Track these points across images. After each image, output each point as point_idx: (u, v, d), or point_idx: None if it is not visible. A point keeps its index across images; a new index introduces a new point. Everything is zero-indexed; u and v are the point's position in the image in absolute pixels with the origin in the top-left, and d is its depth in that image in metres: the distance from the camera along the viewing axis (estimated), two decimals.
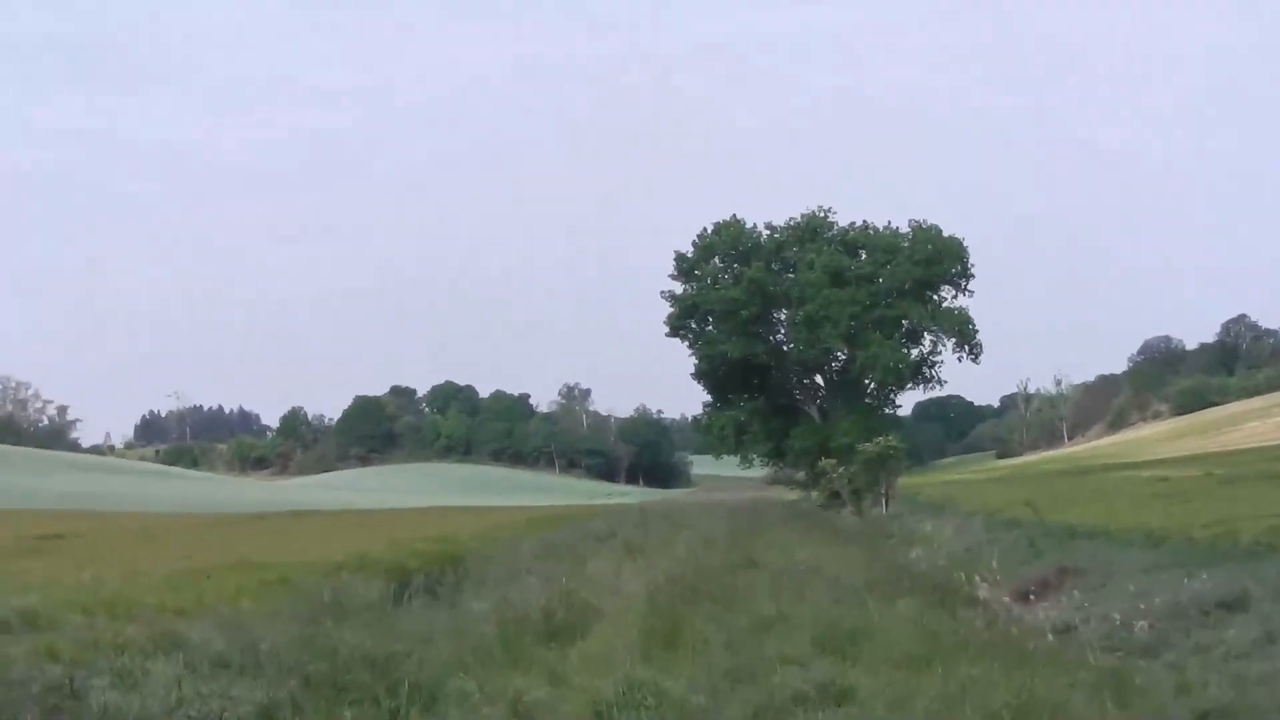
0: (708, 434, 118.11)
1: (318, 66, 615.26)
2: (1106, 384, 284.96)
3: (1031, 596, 31.31)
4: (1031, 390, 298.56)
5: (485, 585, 31.50)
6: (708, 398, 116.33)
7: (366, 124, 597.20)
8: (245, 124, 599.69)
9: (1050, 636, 24.53)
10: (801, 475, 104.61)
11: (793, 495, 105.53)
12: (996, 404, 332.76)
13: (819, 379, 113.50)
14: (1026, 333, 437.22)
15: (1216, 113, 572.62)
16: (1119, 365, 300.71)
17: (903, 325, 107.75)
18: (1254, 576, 26.20)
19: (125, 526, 53.05)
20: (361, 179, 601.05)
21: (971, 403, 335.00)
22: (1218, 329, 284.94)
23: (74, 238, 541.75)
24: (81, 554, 36.31)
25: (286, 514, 74.91)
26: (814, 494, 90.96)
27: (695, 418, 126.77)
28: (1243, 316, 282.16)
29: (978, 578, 33.59)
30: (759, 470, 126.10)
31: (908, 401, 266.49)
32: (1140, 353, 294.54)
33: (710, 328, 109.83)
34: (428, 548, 40.28)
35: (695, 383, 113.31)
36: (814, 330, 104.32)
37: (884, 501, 79.40)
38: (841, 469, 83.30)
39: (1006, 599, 31.26)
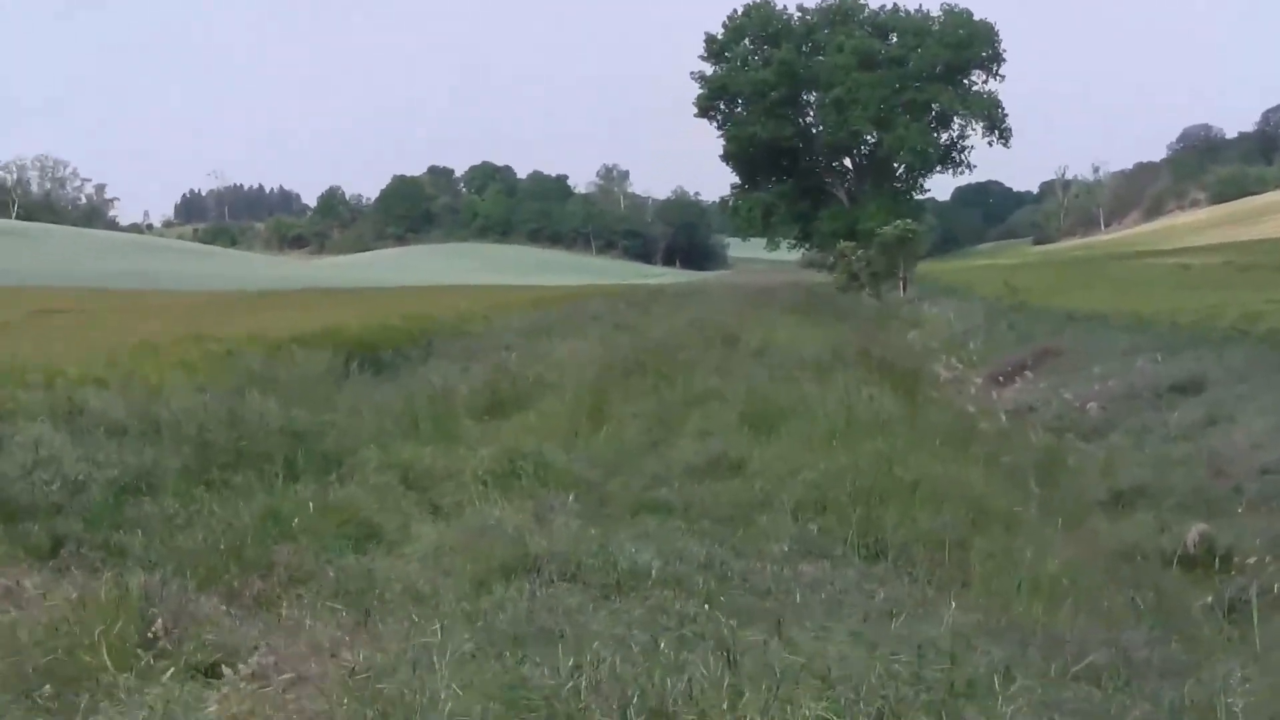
0: (735, 216, 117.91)
1: None
2: (1145, 172, 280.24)
3: (999, 379, 31.22)
4: (1070, 177, 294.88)
5: (449, 360, 31.40)
6: (737, 179, 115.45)
7: None
8: None
9: (1003, 417, 24.40)
10: (831, 259, 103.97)
11: (821, 279, 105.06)
12: (1036, 190, 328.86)
13: (847, 162, 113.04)
14: (1067, 119, 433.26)
15: None
16: (1158, 153, 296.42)
17: (932, 109, 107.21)
18: (1219, 361, 26.02)
19: (128, 303, 52.84)
20: None
21: (1010, 189, 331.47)
22: (1258, 118, 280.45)
23: (115, 17, 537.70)
24: (65, 329, 36.24)
25: (296, 291, 74.76)
26: (832, 277, 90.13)
27: (723, 199, 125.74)
28: None
29: (954, 359, 33.43)
30: (795, 254, 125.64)
31: (942, 186, 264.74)
32: (1179, 141, 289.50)
33: (739, 109, 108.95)
34: (406, 324, 40.00)
35: (724, 164, 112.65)
36: (843, 113, 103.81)
37: (901, 285, 79.08)
38: (860, 252, 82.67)
39: (980, 380, 31.09)
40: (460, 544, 12.57)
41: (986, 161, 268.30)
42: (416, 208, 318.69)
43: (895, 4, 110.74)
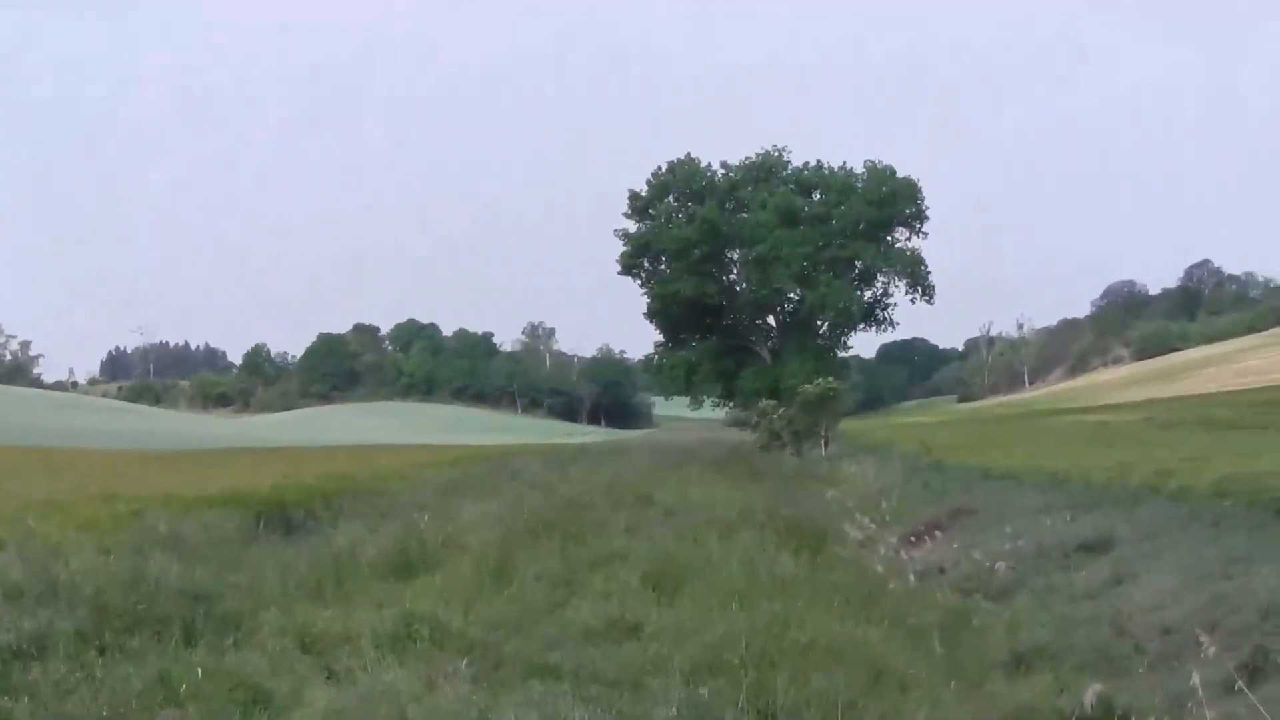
0: (658, 374, 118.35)
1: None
2: (1069, 328, 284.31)
3: (911, 539, 31.31)
4: (994, 334, 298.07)
5: (361, 520, 31.33)
6: (661, 337, 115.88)
7: (343, 65, 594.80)
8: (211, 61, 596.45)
9: (913, 577, 24.45)
10: (755, 417, 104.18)
11: (745, 436, 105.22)
12: (961, 348, 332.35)
13: (771, 320, 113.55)
14: (992, 276, 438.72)
15: (1179, 57, 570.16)
16: (1082, 309, 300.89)
17: (855, 266, 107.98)
18: (1128, 519, 26.23)
19: (44, 461, 52.43)
20: (327, 119, 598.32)
21: (936, 346, 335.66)
22: (1180, 274, 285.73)
23: (41, 170, 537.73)
24: None
25: (215, 450, 74.40)
26: (754, 435, 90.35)
27: (646, 358, 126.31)
28: (1206, 262, 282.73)
29: (867, 519, 33.50)
30: (720, 411, 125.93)
31: (868, 344, 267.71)
32: (1103, 297, 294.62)
33: (663, 267, 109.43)
34: (321, 483, 39.94)
35: (648, 322, 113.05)
36: (766, 270, 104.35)
37: (823, 443, 79.31)
38: (782, 410, 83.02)
39: (893, 540, 31.15)
40: (349, 710, 12.51)
41: (912, 319, 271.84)
42: (342, 365, 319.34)
43: (819, 161, 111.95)
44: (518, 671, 14.58)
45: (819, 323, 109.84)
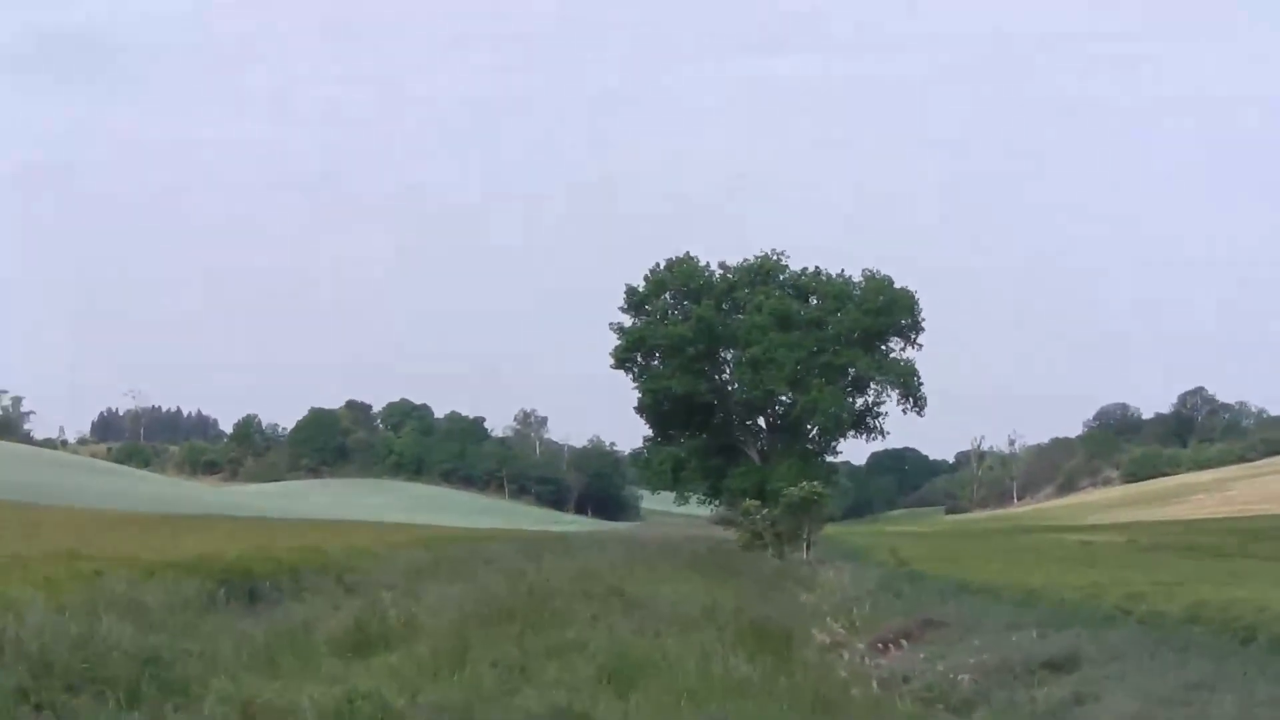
0: (646, 468, 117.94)
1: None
2: (1059, 447, 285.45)
3: (879, 646, 31.15)
4: (985, 449, 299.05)
5: (325, 595, 31.25)
6: (650, 432, 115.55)
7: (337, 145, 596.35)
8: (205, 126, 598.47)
9: (875, 685, 24.29)
10: (739, 517, 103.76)
11: (730, 535, 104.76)
12: (951, 459, 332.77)
13: (761, 421, 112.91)
14: (986, 391, 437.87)
15: (1181, 186, 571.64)
16: (1074, 429, 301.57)
17: (848, 373, 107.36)
18: (1096, 640, 26.11)
19: (16, 517, 52.25)
20: (328, 191, 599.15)
21: (927, 456, 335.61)
22: (1174, 400, 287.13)
23: (42, 234, 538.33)
24: None
25: (195, 516, 74.26)
26: (736, 534, 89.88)
27: (635, 451, 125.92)
28: (1200, 389, 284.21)
29: (838, 624, 33.38)
30: (706, 509, 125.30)
31: (856, 451, 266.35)
32: (1095, 418, 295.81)
33: (656, 363, 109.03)
34: (292, 556, 39.74)
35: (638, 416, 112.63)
36: (758, 372, 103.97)
37: (805, 547, 78.97)
38: (765, 511, 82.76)
39: (861, 646, 31.00)
40: None
41: (904, 428, 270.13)
42: (331, 441, 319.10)
43: (817, 267, 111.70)
44: None
45: (809, 427, 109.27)
